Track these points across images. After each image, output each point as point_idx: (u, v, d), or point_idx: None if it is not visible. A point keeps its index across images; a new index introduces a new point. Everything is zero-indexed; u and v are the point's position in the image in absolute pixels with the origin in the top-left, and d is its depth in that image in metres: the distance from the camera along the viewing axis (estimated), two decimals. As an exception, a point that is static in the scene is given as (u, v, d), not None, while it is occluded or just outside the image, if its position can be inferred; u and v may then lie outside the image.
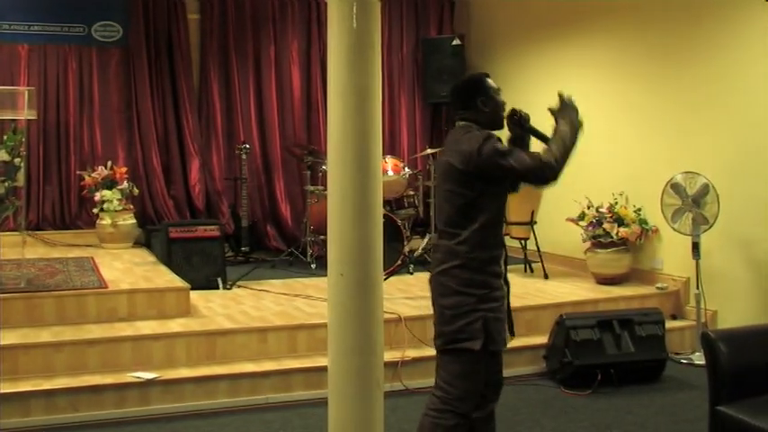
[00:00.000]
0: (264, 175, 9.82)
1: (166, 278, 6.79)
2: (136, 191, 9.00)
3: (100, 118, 9.32)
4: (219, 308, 6.49)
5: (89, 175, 8.89)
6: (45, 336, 5.51)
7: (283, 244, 9.44)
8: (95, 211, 8.76)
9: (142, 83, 9.36)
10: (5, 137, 6.15)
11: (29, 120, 6.62)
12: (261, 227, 9.59)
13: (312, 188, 8.47)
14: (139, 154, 9.39)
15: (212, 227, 7.53)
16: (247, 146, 9.11)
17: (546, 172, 3.39)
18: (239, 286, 7.40)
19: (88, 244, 8.70)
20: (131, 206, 8.92)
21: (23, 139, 6.16)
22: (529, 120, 3.67)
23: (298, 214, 9.51)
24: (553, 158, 3.38)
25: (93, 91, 9.33)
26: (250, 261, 8.78)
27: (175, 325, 5.88)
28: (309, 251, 8.46)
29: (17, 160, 5.98)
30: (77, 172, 9.11)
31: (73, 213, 9.23)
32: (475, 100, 3.57)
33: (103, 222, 8.71)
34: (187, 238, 7.34)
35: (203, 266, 7.28)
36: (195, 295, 6.53)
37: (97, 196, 8.70)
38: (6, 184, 5.91)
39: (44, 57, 9.16)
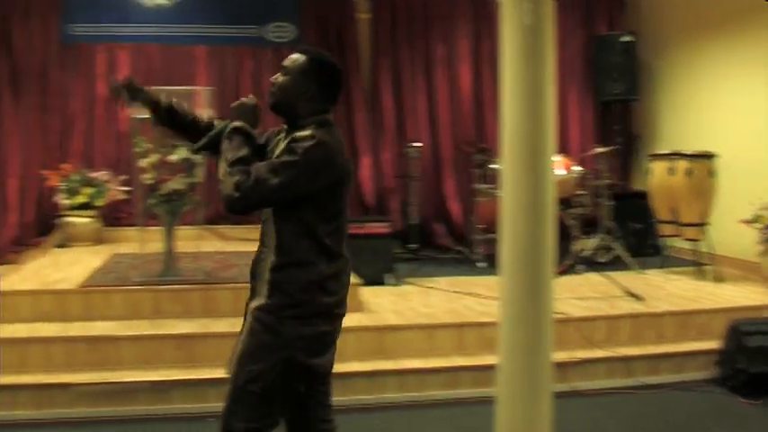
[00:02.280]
0: (434, 172, 9.94)
1: None
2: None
3: (275, 117, 9.65)
4: (388, 303, 6.62)
5: None
6: (221, 326, 5.78)
7: (452, 242, 9.53)
8: (269, 207, 9.12)
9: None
10: None
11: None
12: (429, 224, 9.71)
13: (482, 186, 8.49)
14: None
15: (382, 223, 7.68)
16: (418, 143, 9.27)
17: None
18: (408, 283, 7.55)
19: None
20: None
21: (203, 137, 6.51)
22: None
23: (467, 212, 9.55)
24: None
25: (267, 90, 9.67)
26: (418, 258, 8.90)
27: (346, 319, 6.00)
28: (478, 249, 8.52)
29: (197, 157, 6.34)
30: None
31: (248, 209, 9.63)
32: None
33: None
34: (357, 235, 7.48)
35: (373, 262, 7.43)
36: (364, 291, 6.68)
37: None
38: (187, 180, 6.29)
39: (221, 58, 9.68)
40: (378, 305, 6.55)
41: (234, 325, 5.77)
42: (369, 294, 6.78)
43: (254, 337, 2.95)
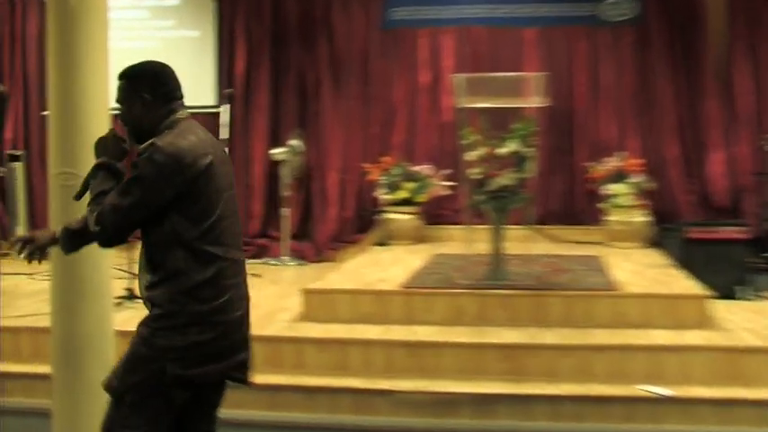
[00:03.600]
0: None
1: (683, 283, 6.71)
2: (650, 185, 8.99)
3: (611, 104, 9.52)
4: (742, 321, 6.31)
5: (597, 167, 9.11)
6: (550, 337, 5.79)
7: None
8: (603, 206, 8.99)
9: (659, 64, 9.41)
10: (515, 126, 6.48)
11: (539, 107, 7.06)
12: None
13: None
14: (653, 144, 9.44)
15: (736, 228, 7.36)
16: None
17: None
18: (766, 298, 7.14)
19: (595, 241, 8.94)
20: (644, 201, 8.97)
21: (535, 128, 6.56)
22: None
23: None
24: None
25: (604, 75, 9.57)
26: (777, 269, 8.35)
27: (693, 336, 5.81)
28: None
29: (528, 150, 6.37)
30: (584, 163, 9.37)
31: (579, 208, 9.55)
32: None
33: (612, 219, 8.90)
34: (708, 240, 7.21)
35: (724, 272, 7.10)
36: (715, 304, 6.38)
37: (606, 190, 8.90)
38: (516, 175, 6.33)
39: (551, 40, 9.66)
40: (730, 322, 6.24)
41: (566, 336, 5.90)
42: (719, 309, 6.45)
43: (131, 349, 3.04)
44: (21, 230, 9.66)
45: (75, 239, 3.14)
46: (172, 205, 2.94)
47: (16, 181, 9.76)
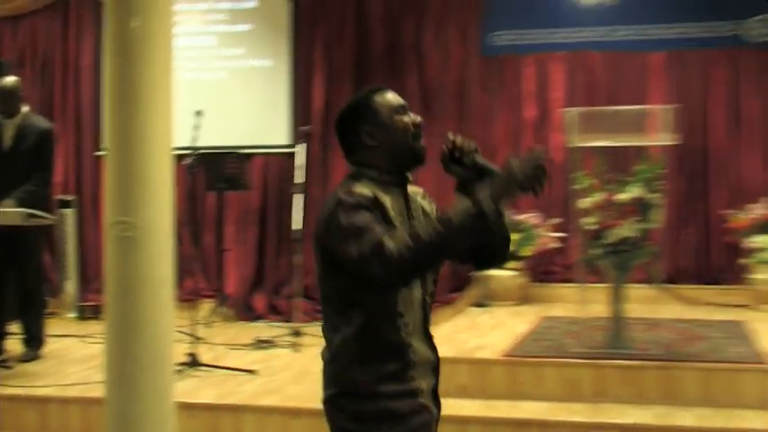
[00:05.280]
0: None
1: None
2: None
3: (755, 140, 9.27)
4: None
5: (739, 216, 8.81)
6: (687, 418, 5.63)
7: None
8: (746, 261, 8.69)
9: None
10: (639, 167, 6.38)
11: (666, 145, 6.91)
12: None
13: None
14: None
15: None
16: None
17: (372, 263, 2.64)
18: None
19: (737, 304, 8.68)
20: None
21: (662, 170, 6.39)
22: (472, 151, 2.91)
23: None
24: (396, 248, 2.61)
25: (747, 106, 9.29)
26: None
27: None
28: None
29: (654, 196, 6.23)
30: (723, 211, 9.07)
31: (717, 264, 9.24)
32: (357, 133, 2.94)
33: (757, 276, 8.61)
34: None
35: None
36: None
37: (749, 243, 8.63)
38: (640, 225, 6.19)
39: (682, 66, 9.39)
40: None
41: (704, 418, 5.72)
42: None
43: None
44: (71, 287, 9.80)
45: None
46: None
47: (67, 230, 9.85)
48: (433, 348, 2.98)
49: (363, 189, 2.81)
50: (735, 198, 9.13)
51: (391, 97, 2.98)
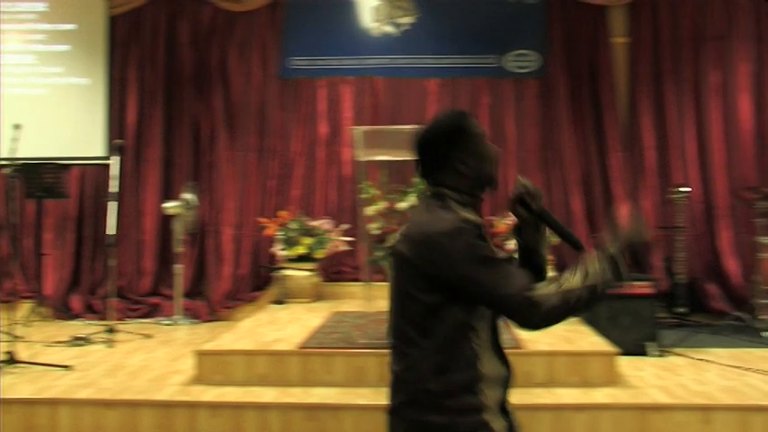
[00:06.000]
0: (705, 223, 9.71)
1: (590, 340, 6.88)
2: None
3: (514, 157, 9.88)
4: (652, 378, 6.51)
5: (501, 222, 9.24)
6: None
7: (729, 306, 9.26)
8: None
9: (562, 116, 9.86)
10: (416, 179, 6.68)
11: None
12: (700, 284, 9.47)
13: (766, 240, 8.28)
14: (558, 197, 9.83)
15: (644, 283, 7.60)
16: (685, 188, 9.09)
17: (530, 314, 2.62)
18: (675, 353, 7.41)
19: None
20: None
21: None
22: (539, 197, 2.89)
23: (747, 271, 9.26)
24: (549, 304, 2.61)
25: (508, 127, 9.95)
26: (686, 324, 8.73)
27: (600, 395, 5.96)
28: (762, 316, 8.24)
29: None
30: (487, 218, 9.36)
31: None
32: (449, 157, 2.86)
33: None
34: (614, 295, 7.34)
35: (632, 328, 7.39)
36: (623, 361, 6.63)
37: (510, 245, 8.89)
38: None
39: (454, 92, 10.02)
40: (639, 379, 6.46)
41: None
42: (628, 366, 6.75)
43: None
44: None
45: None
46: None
47: None
48: (505, 362, 2.86)
49: (468, 215, 2.76)
50: (498, 206, 9.48)
51: (478, 124, 2.91)
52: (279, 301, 9.26)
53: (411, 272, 2.78)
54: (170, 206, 9.34)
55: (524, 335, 6.82)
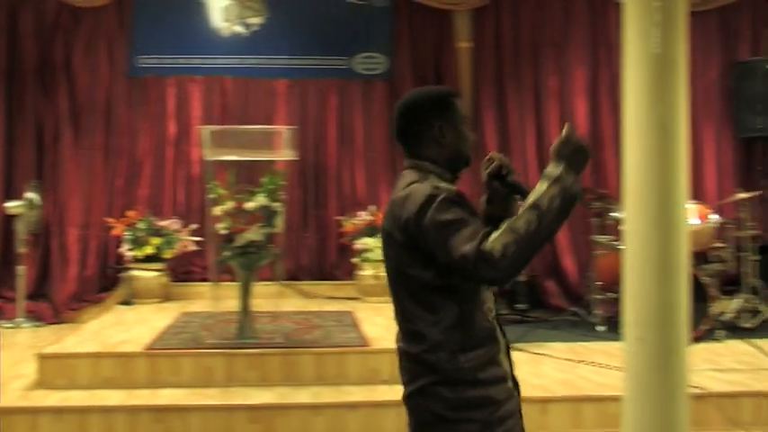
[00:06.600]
0: (545, 222, 9.84)
1: None
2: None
3: (362, 158, 9.87)
4: None
5: (349, 222, 9.33)
6: (303, 396, 5.89)
7: (566, 302, 9.42)
8: (356, 260, 9.19)
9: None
10: (264, 179, 6.59)
11: (287, 161, 7.17)
12: (539, 282, 9.63)
13: (601, 238, 8.39)
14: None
15: None
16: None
17: (479, 268, 2.47)
18: (515, 349, 7.46)
19: (348, 297, 9.12)
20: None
21: (283, 182, 6.65)
22: (511, 171, 2.91)
23: (583, 268, 9.44)
24: (500, 246, 2.45)
25: (356, 128, 9.92)
26: (527, 320, 8.82)
27: None
28: (596, 311, 8.38)
29: (276, 205, 6.44)
30: (336, 217, 9.61)
31: (331, 263, 9.76)
32: (432, 125, 2.81)
33: (364, 273, 9.08)
34: None
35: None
36: None
37: (358, 244, 9.10)
38: (265, 230, 6.38)
39: (303, 93, 9.91)
40: None
41: (318, 395, 5.96)
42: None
43: None
44: None
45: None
46: None
47: None
48: (504, 332, 2.85)
49: (445, 185, 2.71)
50: (346, 206, 9.70)
51: (465, 107, 2.90)
52: (126, 302, 8.97)
53: (398, 249, 2.73)
54: (12, 206, 8.92)
55: (372, 333, 6.87)
